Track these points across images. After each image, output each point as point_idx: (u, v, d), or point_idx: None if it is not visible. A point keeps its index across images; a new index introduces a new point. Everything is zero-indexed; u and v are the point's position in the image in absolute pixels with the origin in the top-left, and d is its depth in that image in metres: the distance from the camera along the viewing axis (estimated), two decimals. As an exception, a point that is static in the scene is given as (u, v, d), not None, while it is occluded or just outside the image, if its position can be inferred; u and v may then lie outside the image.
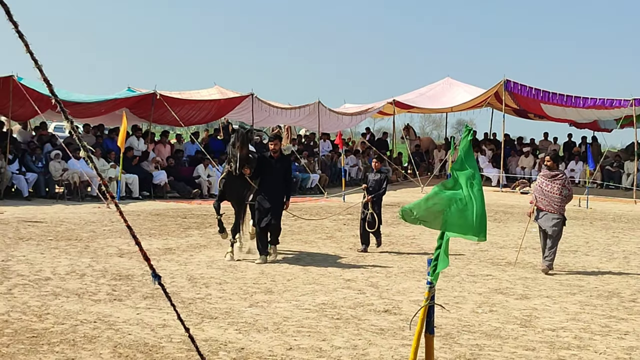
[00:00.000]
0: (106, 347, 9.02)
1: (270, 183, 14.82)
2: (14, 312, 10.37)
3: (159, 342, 9.30)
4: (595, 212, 28.74)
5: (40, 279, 12.64)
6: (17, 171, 25.23)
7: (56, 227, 18.93)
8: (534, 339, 10.27)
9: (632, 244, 20.27)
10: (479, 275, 14.77)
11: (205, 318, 10.65)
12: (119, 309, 10.91)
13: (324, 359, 8.97)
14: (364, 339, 9.92)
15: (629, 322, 11.49)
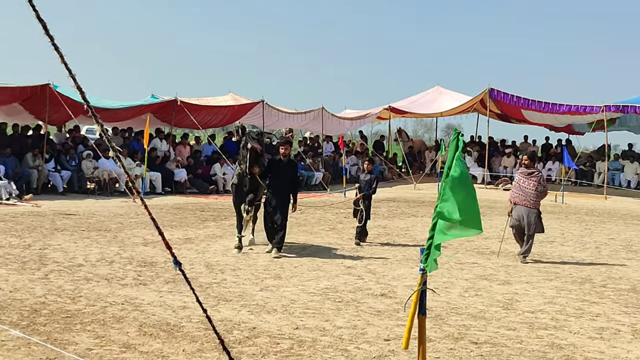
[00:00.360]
0: (132, 326, 9.09)
1: (278, 184, 14.69)
2: (50, 295, 10.43)
3: (179, 322, 9.35)
4: (570, 207, 28.73)
5: (73, 266, 12.70)
6: (53, 169, 25.36)
7: (88, 219, 18.98)
8: (515, 320, 10.31)
9: (602, 235, 20.29)
10: (466, 263, 14.82)
11: (220, 301, 10.71)
12: (144, 292, 10.97)
13: (327, 337, 9.02)
14: (363, 320, 9.97)
15: (600, 305, 11.53)
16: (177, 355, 8.00)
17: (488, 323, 10.08)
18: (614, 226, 22.86)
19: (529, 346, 9.04)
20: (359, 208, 16.32)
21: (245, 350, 8.30)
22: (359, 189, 16.79)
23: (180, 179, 28.55)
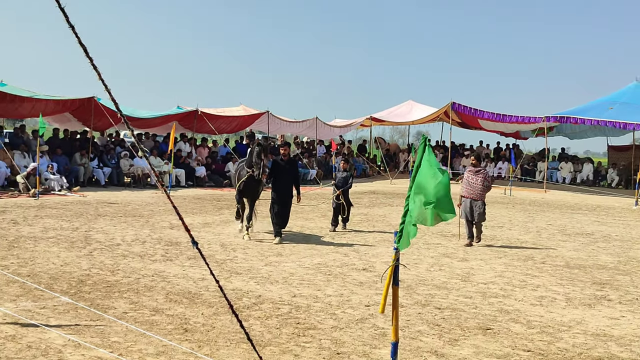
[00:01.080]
0: (161, 294, 9.09)
1: (281, 181, 14.36)
2: (93, 269, 10.42)
3: (199, 291, 9.36)
4: (516, 199, 28.79)
5: (112, 245, 12.69)
6: (96, 166, 25.43)
7: (125, 207, 18.96)
8: (471, 290, 10.34)
9: (542, 222, 20.33)
10: (432, 243, 14.84)
11: (232, 274, 10.71)
12: (170, 266, 10.97)
13: (318, 304, 9.03)
14: (348, 289, 9.98)
15: (539, 278, 11.56)
16: (197, 317, 8.00)
17: (449, 292, 10.10)
18: (552, 214, 22.92)
19: (482, 311, 9.06)
20: (340, 202, 16.16)
21: (252, 314, 8.30)
22: (335, 186, 16.54)
23: (200, 174, 28.58)
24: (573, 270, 12.51)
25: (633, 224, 20.97)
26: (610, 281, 11.58)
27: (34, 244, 12.34)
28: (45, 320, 7.52)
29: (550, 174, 37.26)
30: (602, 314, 9.26)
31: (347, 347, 7.20)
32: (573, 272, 12.25)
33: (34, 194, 19.96)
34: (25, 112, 24.80)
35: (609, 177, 37.39)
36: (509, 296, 10.05)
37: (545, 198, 30.22)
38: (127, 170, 26.43)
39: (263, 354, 6.33)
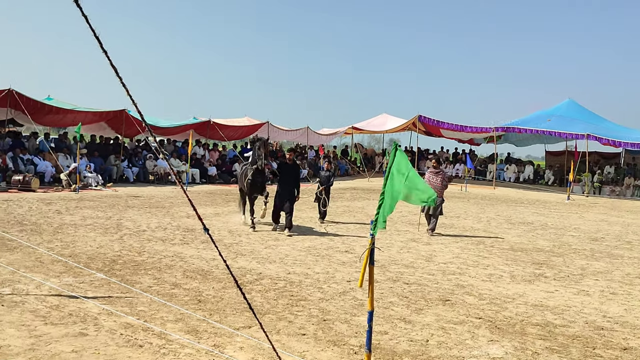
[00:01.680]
0: (179, 271, 9.07)
1: (286, 180, 13.89)
2: (123, 250, 10.39)
3: (210, 269, 9.35)
4: (470, 194, 28.89)
5: (139, 231, 12.65)
6: (126, 166, 25.38)
7: (149, 200, 18.91)
8: (433, 269, 10.37)
9: (492, 213, 20.41)
10: (401, 230, 14.87)
11: (238, 255, 10.70)
12: (187, 249, 10.95)
13: (309, 279, 9.04)
14: (333, 268, 9.99)
15: (489, 259, 11.60)
16: (209, 291, 8.00)
17: (415, 270, 10.13)
18: (499, 207, 23.01)
19: (442, 286, 9.09)
20: (322, 197, 16.04)
21: (254, 288, 8.30)
22: (320, 183, 16.42)
23: (212, 173, 28.54)
24: (516, 252, 12.57)
25: (565, 215, 21.09)
26: (546, 261, 11.65)
27: (74, 230, 12.30)
28: (83, 292, 7.51)
29: (498, 174, 37.43)
30: (539, 288, 9.32)
31: (331, 315, 7.22)
32: (516, 254, 12.32)
33: (74, 189, 19.94)
34: (68, 121, 24.79)
35: (546, 177, 37.58)
36: (464, 274, 10.09)
37: (494, 194, 30.33)
38: (152, 170, 26.40)
39: (263, 321, 6.34)
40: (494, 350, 6.28)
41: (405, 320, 7.17)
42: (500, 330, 6.99)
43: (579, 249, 13.40)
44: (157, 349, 5.71)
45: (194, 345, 5.86)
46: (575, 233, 16.22)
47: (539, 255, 12.32)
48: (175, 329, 6.34)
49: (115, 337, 5.95)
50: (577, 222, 19.10)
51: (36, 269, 8.67)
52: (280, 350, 5.47)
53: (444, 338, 6.58)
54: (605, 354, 6.34)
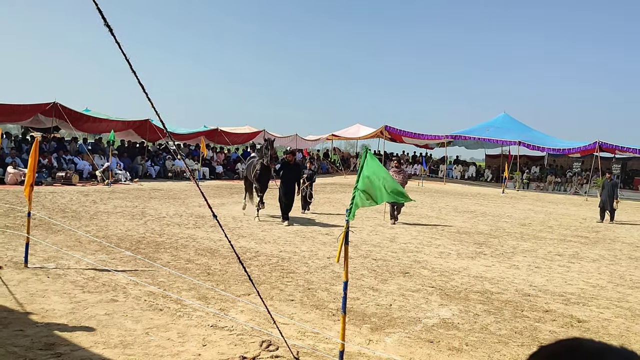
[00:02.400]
0: (192, 250, 9.02)
1: (287, 178, 13.32)
2: (147, 233, 10.31)
3: (217, 248, 9.30)
4: (426, 189, 29.01)
5: (160, 217, 12.56)
6: (149, 165, 25.10)
7: (168, 192, 18.76)
8: (396, 248, 10.40)
9: (442, 204, 20.50)
10: (371, 217, 14.89)
11: (240, 236, 10.66)
12: (198, 232, 10.89)
13: (296, 256, 9.02)
14: (316, 247, 9.99)
15: (440, 240, 11.67)
16: (216, 265, 7.96)
17: (382, 249, 10.16)
18: (448, 199, 23.13)
19: (403, 261, 9.13)
20: (307, 190, 15.75)
21: (253, 263, 8.28)
22: (305, 179, 16.25)
23: (219, 171, 28.32)
24: (462, 235, 12.65)
25: (500, 205, 21.25)
26: (485, 242, 11.73)
27: (107, 216, 12.18)
28: (114, 267, 7.45)
29: (447, 172, 37.54)
30: (480, 263, 9.39)
31: (315, 284, 7.22)
32: (461, 236, 12.39)
33: (107, 183, 19.75)
34: (102, 128, 24.48)
35: (486, 175, 37.82)
36: (420, 252, 10.14)
37: (444, 188, 30.48)
38: (170, 168, 26.12)
39: (259, 289, 6.33)
40: (443, 312, 6.32)
41: (373, 288, 7.19)
42: (448, 296, 7.04)
43: (511, 232, 13.51)
44: (174, 312, 5.68)
45: (204, 309, 5.83)
46: (508, 219, 16.36)
47: (480, 237, 12.40)
48: (189, 296, 6.31)
49: (140, 303, 5.91)
50: (509, 211, 19.26)
51: (76, 247, 8.58)
52: (274, 313, 5.46)
53: (404, 303, 6.61)
54: (531, 315, 6.40)
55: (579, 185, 32.09)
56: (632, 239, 13.74)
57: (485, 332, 5.67)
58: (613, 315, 6.61)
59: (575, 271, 9.13)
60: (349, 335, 5.21)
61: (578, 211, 20.74)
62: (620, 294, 7.70)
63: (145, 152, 25.46)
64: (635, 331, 6.03)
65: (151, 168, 25.07)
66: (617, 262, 10.29)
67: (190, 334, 5.09)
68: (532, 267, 9.29)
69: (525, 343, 5.41)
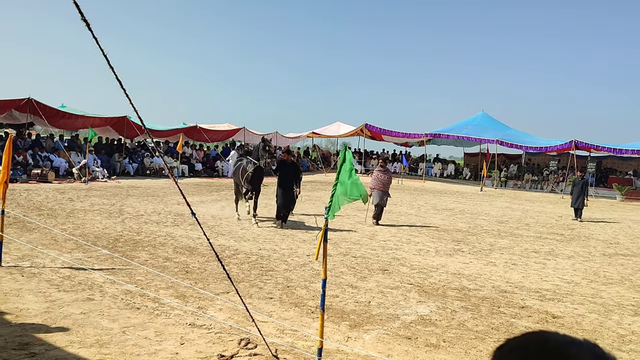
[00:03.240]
0: (170, 248, 8.95)
1: (285, 177, 12.55)
2: (124, 231, 10.20)
3: (196, 246, 9.24)
4: (405, 186, 29.16)
5: (138, 215, 12.43)
6: (128, 162, 24.80)
7: (146, 190, 18.56)
8: (375, 245, 10.44)
9: (422, 201, 20.65)
10: (350, 215, 14.93)
11: (219, 234, 10.61)
12: (177, 230, 10.80)
13: (276, 254, 9.02)
14: (295, 245, 9.99)
15: (419, 237, 11.75)
16: (194, 263, 7.91)
17: (361, 246, 10.20)
18: (428, 197, 23.31)
19: (382, 258, 9.18)
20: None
21: (232, 261, 8.25)
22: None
23: (198, 168, 28.11)
24: (440, 232, 12.76)
25: (479, 203, 21.49)
26: (463, 239, 11.86)
27: (84, 214, 12.01)
28: (91, 265, 7.35)
29: (427, 170, 37.87)
30: (458, 260, 9.49)
31: (294, 282, 7.22)
32: (440, 234, 12.50)
33: (84, 181, 19.48)
34: (79, 125, 24.11)
35: (464, 173, 38.21)
36: (399, 249, 10.20)
37: (423, 186, 30.69)
38: (149, 165, 25.84)
39: (238, 287, 6.31)
40: (421, 309, 6.38)
41: (352, 286, 7.22)
42: (426, 293, 7.10)
43: (489, 230, 13.68)
44: (152, 311, 5.63)
45: (182, 308, 5.80)
46: (486, 217, 16.55)
47: (458, 235, 12.53)
48: (167, 294, 6.27)
49: (117, 301, 5.85)
50: (487, 208, 19.48)
51: (51, 246, 8.45)
52: (252, 311, 5.45)
53: (382, 300, 6.65)
54: (507, 311, 6.49)
55: (555, 184, 32.61)
56: (606, 236, 14.02)
57: (463, 329, 5.73)
58: (587, 311, 6.74)
59: (550, 268, 9.29)
60: (327, 332, 5.23)
61: (554, 209, 21.08)
62: (594, 290, 7.86)
63: (123, 149, 25.16)
64: (608, 326, 6.16)
65: (129, 165, 24.80)
66: (591, 259, 10.49)
67: (168, 332, 5.05)
68: (508, 264, 9.42)
69: (501, 339, 5.48)
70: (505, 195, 27.43)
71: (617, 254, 11.22)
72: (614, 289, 8.05)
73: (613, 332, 5.95)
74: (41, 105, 20.65)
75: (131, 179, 22.61)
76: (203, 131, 29.57)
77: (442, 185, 32.42)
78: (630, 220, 18.68)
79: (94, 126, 23.62)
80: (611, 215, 20.04)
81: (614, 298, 7.48)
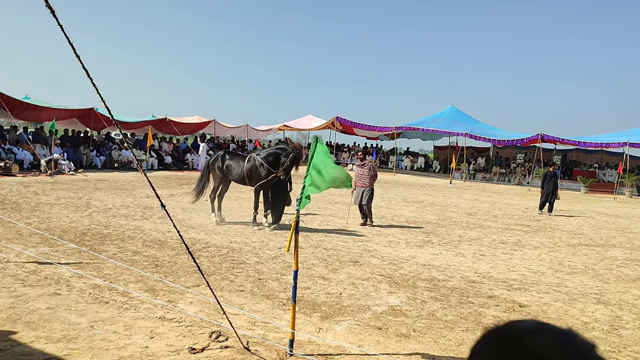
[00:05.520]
0: (139, 241, 8.82)
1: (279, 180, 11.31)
2: (92, 225, 10.01)
3: (166, 239, 9.13)
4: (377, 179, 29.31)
5: (106, 208, 12.20)
6: (95, 155, 24.32)
7: (115, 183, 18.23)
8: (347, 237, 10.45)
9: (392, 194, 20.77)
10: (322, 207, 14.94)
11: (189, 228, 10.49)
12: (146, 223, 10.64)
13: (247, 247, 8.97)
14: (267, 238, 9.95)
15: (389, 229, 11.84)
16: (164, 257, 7.82)
17: (332, 239, 10.22)
18: (398, 189, 23.49)
19: (353, 250, 9.22)
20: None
21: (203, 254, 8.18)
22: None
23: (167, 161, 27.73)
24: (410, 224, 12.89)
25: (448, 195, 21.78)
26: (433, 231, 12.00)
27: (50, 208, 11.74)
28: (57, 259, 7.19)
29: (397, 163, 38.21)
30: (428, 252, 9.60)
31: (265, 275, 7.21)
32: (410, 226, 12.63)
33: (50, 174, 19.03)
34: (44, 117, 23.53)
35: (434, 166, 38.68)
36: (370, 241, 10.27)
37: (394, 179, 30.94)
38: (117, 158, 25.38)
39: (209, 280, 6.26)
40: (392, 300, 6.44)
41: (324, 277, 7.24)
42: (397, 284, 7.17)
43: (458, 221, 13.87)
44: (121, 305, 5.55)
45: (151, 301, 5.72)
46: (455, 209, 16.78)
47: (428, 226, 12.68)
48: (136, 288, 6.18)
49: (84, 296, 5.74)
50: (456, 201, 19.76)
51: (16, 240, 8.23)
52: (223, 304, 5.42)
53: (353, 291, 6.69)
54: (476, 301, 6.61)
55: (522, 176, 33.29)
56: (571, 227, 14.38)
57: (432, 318, 5.81)
58: (552, 299, 6.91)
59: (517, 258, 9.48)
60: (299, 324, 5.24)
61: (521, 201, 21.51)
62: (559, 280, 8.06)
63: (90, 142, 24.64)
64: (572, 314, 6.33)
65: (96, 158, 24.33)
66: (556, 249, 10.75)
67: (138, 326, 4.98)
68: (477, 254, 9.58)
69: (470, 328, 5.59)
70: (474, 187, 27.86)
71: (581, 245, 11.53)
72: (578, 278, 8.28)
73: (577, 320, 6.12)
74: (4, 96, 20.06)
75: (99, 172, 22.17)
76: (172, 123, 29.13)
77: (413, 178, 32.73)
78: (593, 212, 19.21)
79: (59, 118, 23.15)
80: (576, 207, 20.56)
81: (578, 287, 7.69)
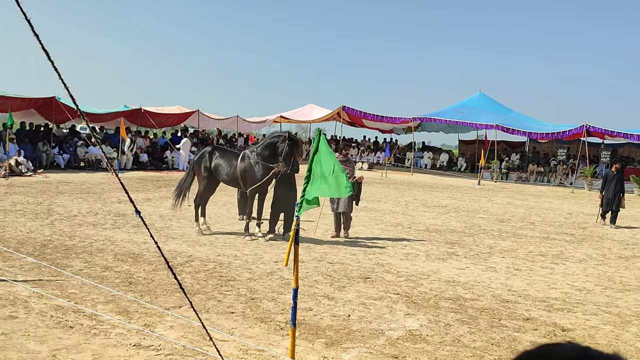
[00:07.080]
0: (110, 255, 8.84)
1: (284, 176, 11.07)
2: (54, 235, 10.04)
3: (141, 252, 9.15)
4: (390, 180, 29.34)
5: (70, 216, 12.24)
6: (57, 153, 24.43)
7: (80, 186, 18.29)
8: (355, 248, 10.47)
9: (409, 197, 20.82)
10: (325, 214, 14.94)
11: (169, 238, 10.52)
12: (118, 233, 10.67)
13: (238, 261, 8.99)
14: (261, 249, 9.97)
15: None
16: (140, 273, 7.83)
17: (339, 250, 10.23)
18: (416, 191, 23.50)
19: (363, 264, 9.22)
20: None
21: (185, 269, 8.19)
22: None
23: (143, 160, 27.79)
24: (431, 233, 12.89)
25: (476, 199, 21.77)
26: (458, 241, 12.00)
27: (3, 215, 11.77)
28: (13, 276, 7.21)
29: (415, 161, 38.19)
30: (452, 265, 9.60)
31: (259, 293, 7.21)
32: (431, 235, 12.63)
33: (3, 175, 19.10)
34: (-5, 108, 23.68)
35: (459, 164, 38.64)
36: (383, 253, 10.27)
37: (411, 179, 30.93)
38: (83, 157, 25.50)
39: (193, 300, 6.27)
40: (410, 323, 6.44)
41: (329, 297, 7.25)
42: (416, 304, 7.17)
43: (488, 230, 13.87)
44: (88, 330, 5.56)
45: (125, 325, 5.73)
46: (484, 215, 16.78)
47: (452, 236, 12.67)
48: (106, 310, 6.19)
49: (45, 319, 5.76)
50: (486, 205, 19.75)
51: (-36, 254, 8.27)
52: (210, 328, 5.43)
53: (364, 313, 6.69)
54: (509, 324, 6.60)
55: (564, 176, 33.23)
56: (623, 235, 14.36)
57: (458, 345, 5.81)
58: (601, 322, 6.90)
59: (559, 273, 9.47)
60: (299, 352, 5.24)
61: (563, 205, 21.49)
62: (609, 298, 8.04)
63: (51, 137, 24.71)
64: (625, 339, 6.31)
65: (59, 156, 24.42)
66: (605, 262, 10.74)
67: (108, 355, 4.99)
68: (511, 269, 9.57)
69: (502, 356, 5.58)
70: (507, 189, 27.84)
71: (635, 257, 11.51)
72: (632, 296, 8.26)
73: (630, 346, 6.11)
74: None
75: (62, 173, 22.24)
76: (148, 115, 29.03)
77: (434, 178, 32.71)
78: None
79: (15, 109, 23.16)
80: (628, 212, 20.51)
81: (632, 307, 7.67)
